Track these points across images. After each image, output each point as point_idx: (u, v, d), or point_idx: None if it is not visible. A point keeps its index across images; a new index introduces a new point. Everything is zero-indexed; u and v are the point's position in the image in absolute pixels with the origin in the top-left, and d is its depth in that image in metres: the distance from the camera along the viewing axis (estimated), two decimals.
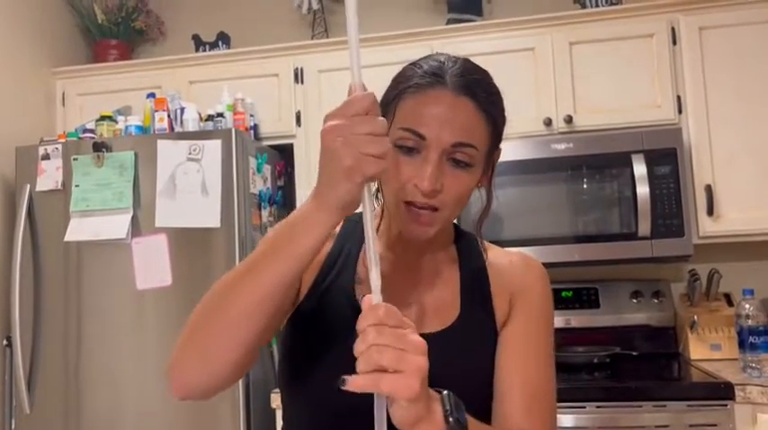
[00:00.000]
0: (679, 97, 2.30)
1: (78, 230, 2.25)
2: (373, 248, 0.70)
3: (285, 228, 0.75)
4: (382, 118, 0.70)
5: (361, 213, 0.73)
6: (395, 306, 0.69)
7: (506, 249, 1.03)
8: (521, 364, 0.90)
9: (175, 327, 2.16)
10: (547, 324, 0.96)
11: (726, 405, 1.89)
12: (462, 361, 0.88)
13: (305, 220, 0.73)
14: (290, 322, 0.93)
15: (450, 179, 0.84)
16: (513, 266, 0.98)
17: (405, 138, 0.84)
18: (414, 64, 0.91)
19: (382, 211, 0.96)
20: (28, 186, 2.31)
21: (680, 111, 2.30)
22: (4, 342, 2.37)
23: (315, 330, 0.90)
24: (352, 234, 0.96)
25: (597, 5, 2.51)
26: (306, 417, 0.91)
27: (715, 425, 1.88)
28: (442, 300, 0.93)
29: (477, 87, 0.86)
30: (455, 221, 1.01)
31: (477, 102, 0.85)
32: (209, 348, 0.77)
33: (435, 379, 0.71)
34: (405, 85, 0.87)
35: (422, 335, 0.71)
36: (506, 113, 0.91)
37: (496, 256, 0.99)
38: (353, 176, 0.68)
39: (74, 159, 2.28)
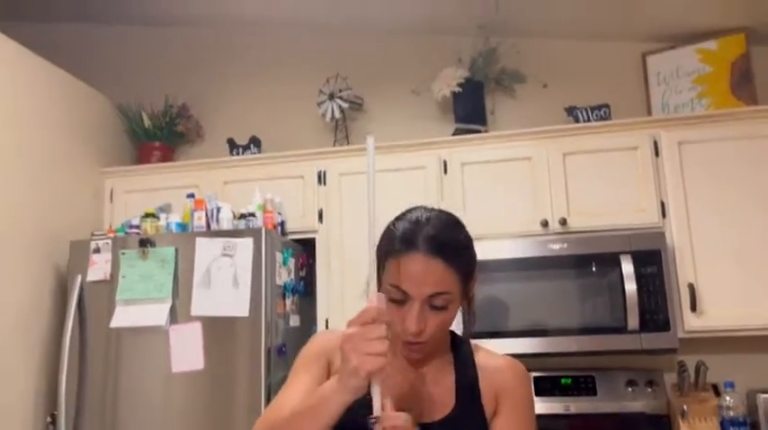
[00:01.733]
0: (662, 203, 2.56)
1: (123, 317, 2.52)
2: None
3: (316, 400, 1.02)
4: (383, 325, 0.96)
5: None
6: (402, 400, 0.98)
7: (494, 353, 1.26)
8: None
9: (201, 408, 2.39)
10: (532, 418, 1.19)
11: None
12: None
13: (329, 399, 0.99)
14: None
15: (432, 319, 1.10)
16: (500, 370, 1.20)
17: (393, 292, 1.10)
18: (393, 225, 1.16)
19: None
20: (79, 276, 2.59)
21: (663, 216, 2.55)
22: (48, 419, 2.60)
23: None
24: None
25: (588, 119, 2.82)
26: None
27: None
28: (441, 396, 1.16)
29: (446, 247, 1.09)
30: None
31: (446, 260, 1.08)
32: None
33: None
34: (387, 249, 1.13)
35: (424, 423, 0.98)
36: (474, 260, 1.17)
37: (486, 359, 1.22)
38: (358, 373, 0.94)
39: (122, 253, 2.57)
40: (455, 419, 1.13)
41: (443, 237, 1.11)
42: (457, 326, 1.23)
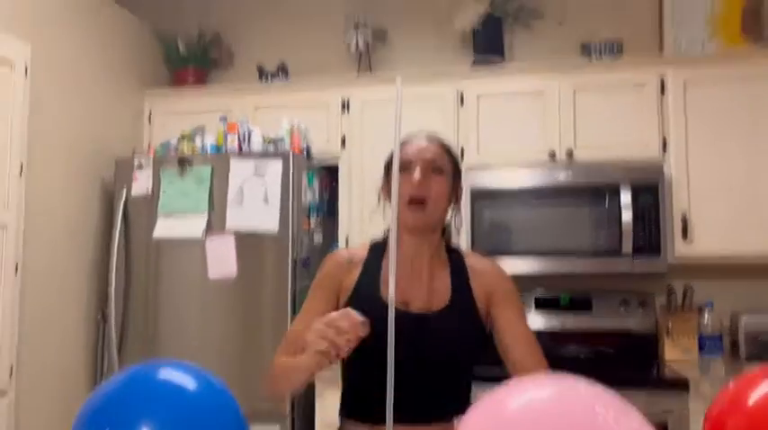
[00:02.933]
0: (664, 138, 2.72)
1: (163, 229, 2.80)
2: (393, 271, 1.13)
3: (292, 366, 1.32)
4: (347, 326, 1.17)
5: (378, 241, 1.33)
6: (405, 292, 1.28)
7: (480, 256, 1.50)
8: (516, 327, 1.38)
9: (234, 311, 2.69)
10: (521, 304, 1.45)
11: (682, 396, 2.32)
12: (455, 328, 1.37)
13: (299, 367, 1.28)
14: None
15: (432, 182, 1.36)
16: (487, 271, 1.45)
17: (400, 165, 1.34)
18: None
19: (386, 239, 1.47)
20: (124, 190, 2.86)
21: (664, 151, 2.72)
22: (99, 316, 2.93)
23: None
24: (376, 252, 1.45)
25: (601, 55, 2.95)
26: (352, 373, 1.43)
27: (671, 412, 2.32)
28: (438, 291, 1.40)
29: (441, 141, 1.43)
30: (446, 242, 1.49)
31: (441, 146, 1.41)
32: (274, 391, 1.42)
33: (438, 336, 1.27)
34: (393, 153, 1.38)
35: (425, 313, 1.30)
36: (460, 169, 1.46)
37: (475, 262, 1.46)
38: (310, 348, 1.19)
39: (162, 171, 2.82)
40: (450, 310, 1.37)
41: (439, 136, 1.45)
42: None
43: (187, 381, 0.84)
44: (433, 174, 1.36)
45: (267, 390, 1.40)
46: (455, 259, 1.46)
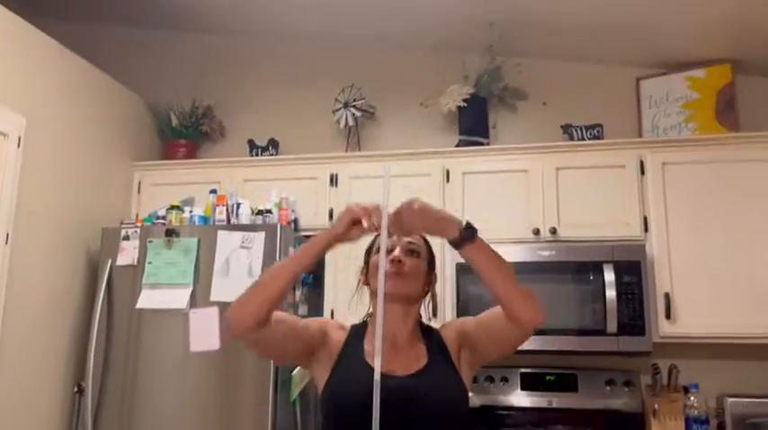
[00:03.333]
0: (645, 218, 2.78)
1: (148, 300, 2.78)
2: (380, 335, 1.24)
3: (299, 249, 1.41)
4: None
5: (358, 324, 1.43)
6: (387, 363, 1.27)
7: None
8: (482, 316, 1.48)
9: (213, 387, 2.64)
10: None
11: None
12: (436, 384, 1.40)
13: (315, 241, 1.38)
14: (326, 384, 1.43)
15: (408, 260, 1.48)
16: (450, 326, 1.56)
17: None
18: None
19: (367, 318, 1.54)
20: (110, 261, 2.85)
21: (645, 230, 2.77)
22: (75, 388, 2.85)
23: (342, 384, 1.41)
24: (358, 330, 1.52)
25: (583, 137, 3.05)
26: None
27: None
28: (415, 356, 1.45)
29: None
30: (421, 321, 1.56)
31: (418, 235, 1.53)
32: (255, 300, 1.34)
33: (418, 399, 1.30)
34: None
35: (404, 375, 1.34)
36: (434, 258, 1.58)
37: (447, 330, 1.54)
38: (343, 217, 1.34)
39: (149, 241, 2.83)
40: (429, 369, 1.43)
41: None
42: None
43: None
44: (410, 255, 1.48)
45: (236, 308, 1.35)
46: (427, 331, 1.55)
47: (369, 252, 1.57)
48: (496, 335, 1.44)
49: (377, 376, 1.16)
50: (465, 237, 1.33)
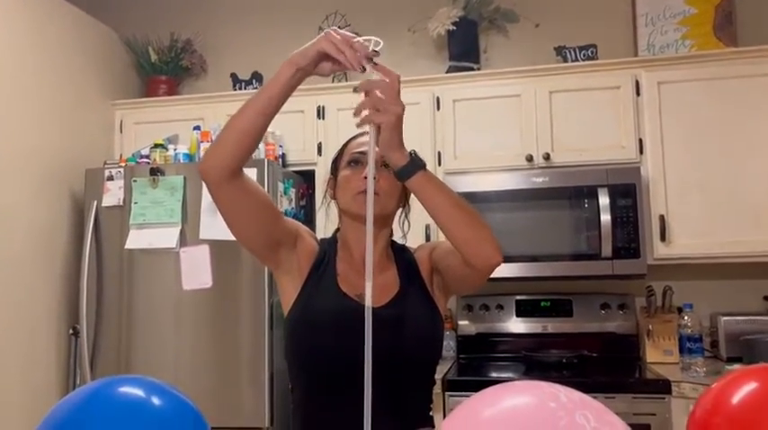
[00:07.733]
0: (640, 140, 2.72)
1: (136, 240, 2.73)
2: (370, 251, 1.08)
3: (264, 85, 1.25)
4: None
5: (328, 238, 1.34)
6: (358, 288, 1.22)
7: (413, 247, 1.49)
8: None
9: (209, 322, 2.63)
10: None
11: (664, 398, 2.31)
12: (411, 321, 1.32)
13: (279, 72, 1.23)
14: (295, 304, 1.35)
15: (383, 175, 1.32)
16: (421, 253, 1.44)
17: (352, 157, 1.37)
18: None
19: (336, 233, 1.44)
20: (95, 202, 2.79)
21: (641, 152, 2.72)
22: (71, 331, 2.84)
23: (312, 308, 1.33)
24: (329, 247, 1.41)
25: (576, 59, 2.95)
26: (304, 381, 1.35)
27: (654, 415, 2.30)
28: (385, 284, 1.35)
29: None
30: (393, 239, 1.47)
31: None
32: (227, 142, 1.23)
33: (392, 333, 1.23)
34: (345, 142, 1.45)
35: (377, 307, 1.13)
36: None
37: (422, 251, 1.46)
38: (313, 47, 1.17)
39: (133, 181, 2.76)
40: (400, 299, 1.35)
41: None
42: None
43: (146, 397, 0.79)
44: (383, 169, 1.32)
45: (205, 156, 1.25)
46: (399, 250, 1.45)
47: (336, 161, 1.43)
48: (452, 271, 1.34)
49: (368, 302, 1.01)
50: (418, 163, 1.18)
